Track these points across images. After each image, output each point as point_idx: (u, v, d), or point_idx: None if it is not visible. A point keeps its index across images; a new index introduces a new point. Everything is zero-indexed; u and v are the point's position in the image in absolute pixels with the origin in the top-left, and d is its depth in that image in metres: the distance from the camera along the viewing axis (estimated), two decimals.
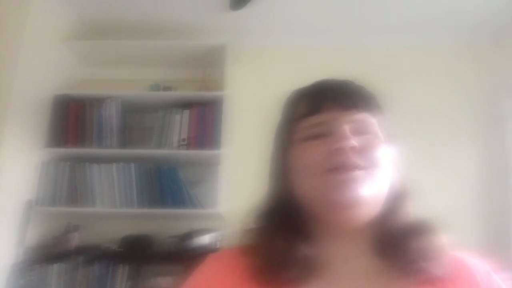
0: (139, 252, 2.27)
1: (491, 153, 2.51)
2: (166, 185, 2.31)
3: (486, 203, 2.44)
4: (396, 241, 0.64)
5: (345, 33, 2.67)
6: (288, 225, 0.66)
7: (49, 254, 2.19)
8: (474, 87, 2.62)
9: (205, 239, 2.20)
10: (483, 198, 2.45)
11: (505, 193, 2.42)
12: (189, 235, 2.22)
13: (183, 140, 2.37)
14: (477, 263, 0.66)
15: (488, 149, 2.52)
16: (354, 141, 0.62)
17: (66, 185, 2.31)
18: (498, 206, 2.42)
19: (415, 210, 0.68)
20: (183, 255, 2.10)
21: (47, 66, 2.40)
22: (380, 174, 0.64)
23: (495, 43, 2.64)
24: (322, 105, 0.66)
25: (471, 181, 2.49)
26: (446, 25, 2.63)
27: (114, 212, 2.32)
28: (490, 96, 2.59)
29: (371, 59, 2.54)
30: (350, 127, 0.64)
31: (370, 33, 2.66)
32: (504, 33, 2.60)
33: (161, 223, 2.38)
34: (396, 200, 0.67)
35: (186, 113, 2.42)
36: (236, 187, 2.24)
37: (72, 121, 2.41)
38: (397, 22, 2.62)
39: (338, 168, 0.62)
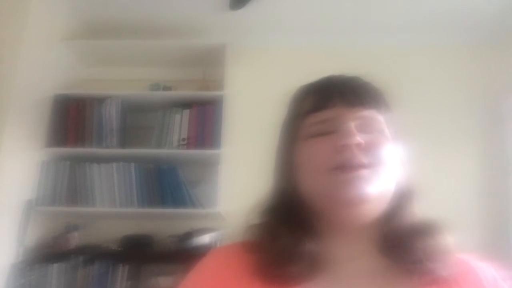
0: (139, 252, 2.27)
1: (491, 153, 2.51)
2: (166, 185, 2.31)
3: (486, 203, 2.44)
4: (401, 240, 0.63)
5: (345, 33, 2.67)
6: (293, 221, 0.65)
7: (49, 254, 2.19)
8: (474, 87, 2.62)
9: (205, 239, 2.20)
10: (483, 198, 2.45)
11: (505, 193, 2.42)
12: (189, 235, 2.22)
13: (183, 139, 2.37)
14: (482, 266, 0.66)
15: (488, 149, 2.52)
16: (359, 138, 0.62)
17: (66, 185, 2.31)
18: (498, 206, 2.42)
19: (420, 210, 0.68)
20: (183, 255, 2.10)
21: (47, 66, 2.40)
22: (385, 172, 0.63)
23: (495, 43, 2.64)
24: (329, 102, 0.66)
25: (471, 181, 2.49)
26: (446, 25, 2.63)
27: (114, 212, 2.32)
28: (490, 96, 2.59)
29: (371, 59, 2.53)
30: (356, 124, 0.64)
31: (370, 33, 2.67)
32: (504, 33, 2.60)
33: (161, 222, 2.38)
34: (402, 199, 0.66)
35: (186, 113, 2.42)
36: (236, 187, 2.24)
37: (72, 121, 2.41)
38: (397, 22, 2.62)
39: (344, 166, 0.61)
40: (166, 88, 2.57)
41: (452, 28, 2.64)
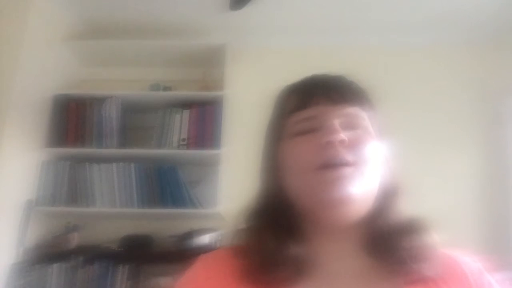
0: (139, 252, 2.27)
1: (491, 153, 2.51)
2: (166, 185, 2.32)
3: (486, 203, 2.44)
4: (386, 240, 0.63)
5: (345, 32, 2.67)
6: (279, 224, 0.65)
7: (49, 254, 2.19)
8: (474, 87, 2.62)
9: (205, 239, 2.20)
10: (483, 198, 2.45)
11: (505, 193, 2.42)
12: (189, 235, 2.22)
13: (183, 140, 2.37)
14: (468, 261, 0.66)
15: (488, 149, 2.52)
16: (343, 135, 0.62)
17: (66, 185, 2.31)
18: (498, 206, 2.42)
19: (407, 208, 0.67)
20: (183, 255, 2.09)
21: (47, 66, 2.40)
22: (369, 170, 0.63)
23: (495, 43, 2.64)
24: (312, 100, 0.66)
25: (471, 181, 2.49)
26: (446, 25, 2.63)
27: (114, 212, 2.32)
28: (490, 96, 2.59)
29: (371, 59, 2.54)
30: (340, 121, 0.64)
31: (370, 33, 2.67)
32: (504, 33, 2.60)
33: (161, 223, 2.38)
34: (387, 197, 0.66)
35: (186, 113, 2.42)
36: (236, 187, 2.24)
37: (72, 121, 2.41)
38: (397, 22, 2.62)
39: (328, 164, 0.61)
40: (166, 88, 2.57)
41: (452, 28, 2.64)
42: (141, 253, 2.27)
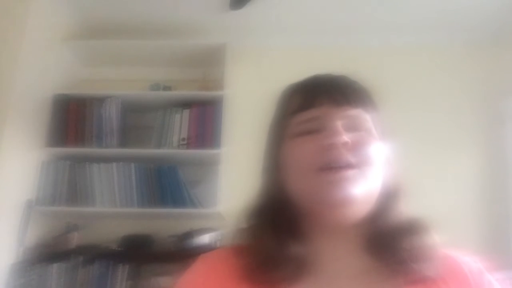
0: (139, 252, 2.27)
1: (491, 153, 2.51)
2: (166, 185, 2.32)
3: (486, 203, 2.44)
4: (387, 240, 0.63)
5: (345, 33, 2.67)
6: (279, 223, 0.65)
7: (49, 254, 2.19)
8: (474, 87, 2.62)
9: (205, 239, 2.20)
10: (483, 198, 2.45)
11: (505, 193, 2.42)
12: (189, 235, 2.22)
13: (183, 139, 2.37)
14: (469, 262, 0.66)
15: (488, 149, 2.52)
16: (346, 137, 0.62)
17: (66, 185, 2.31)
18: (498, 206, 2.42)
19: (408, 208, 0.67)
20: (183, 255, 2.08)
21: (47, 66, 2.40)
22: (372, 172, 0.63)
23: (495, 43, 2.64)
24: (315, 100, 0.66)
25: (471, 181, 2.49)
26: (445, 25, 2.63)
27: (114, 212, 2.32)
28: (490, 96, 2.59)
29: (371, 59, 2.54)
30: (343, 123, 0.63)
31: (370, 33, 2.67)
32: (503, 33, 2.60)
33: (161, 222, 2.38)
34: (388, 198, 0.66)
35: (186, 112, 2.42)
36: (236, 187, 2.24)
37: (72, 120, 2.41)
38: (397, 22, 2.62)
39: (330, 166, 0.61)
40: (166, 88, 2.58)
41: (452, 28, 2.64)
42: (141, 253, 2.27)
